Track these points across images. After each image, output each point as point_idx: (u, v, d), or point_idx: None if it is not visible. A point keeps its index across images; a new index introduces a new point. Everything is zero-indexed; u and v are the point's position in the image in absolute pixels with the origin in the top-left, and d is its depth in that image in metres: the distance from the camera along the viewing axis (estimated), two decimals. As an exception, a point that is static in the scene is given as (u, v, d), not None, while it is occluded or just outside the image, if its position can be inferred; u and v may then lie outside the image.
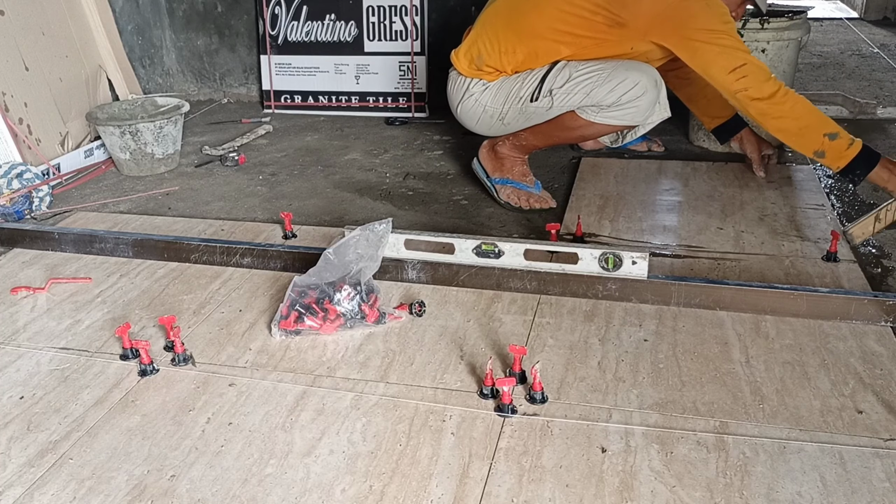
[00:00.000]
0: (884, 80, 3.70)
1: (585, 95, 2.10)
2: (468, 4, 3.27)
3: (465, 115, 2.34)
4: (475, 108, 2.29)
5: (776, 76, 2.01)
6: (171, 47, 3.64)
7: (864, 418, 1.33)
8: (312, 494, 1.20)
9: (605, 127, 2.19)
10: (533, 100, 2.18)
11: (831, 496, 1.17)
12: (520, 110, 2.22)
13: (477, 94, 2.26)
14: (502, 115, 2.26)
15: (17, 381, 1.52)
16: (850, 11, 5.72)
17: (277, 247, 1.96)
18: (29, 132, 2.61)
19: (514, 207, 2.30)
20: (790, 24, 2.58)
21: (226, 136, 3.15)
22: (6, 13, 2.59)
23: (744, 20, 2.55)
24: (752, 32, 2.56)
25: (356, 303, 1.66)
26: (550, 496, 1.18)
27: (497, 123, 2.29)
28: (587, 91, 2.10)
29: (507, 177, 2.34)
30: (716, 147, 2.76)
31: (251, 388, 1.47)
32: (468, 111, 2.31)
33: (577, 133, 2.25)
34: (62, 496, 1.22)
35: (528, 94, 2.18)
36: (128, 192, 2.58)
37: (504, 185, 2.33)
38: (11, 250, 2.11)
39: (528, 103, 2.19)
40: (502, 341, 1.60)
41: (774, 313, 1.65)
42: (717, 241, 2.03)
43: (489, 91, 2.24)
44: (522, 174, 2.34)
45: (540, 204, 2.28)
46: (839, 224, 2.12)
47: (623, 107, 2.09)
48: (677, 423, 1.34)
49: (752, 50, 2.57)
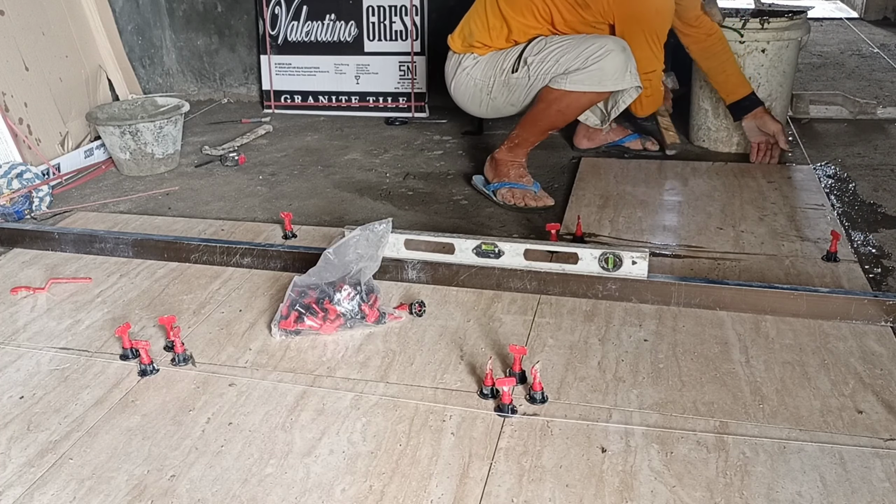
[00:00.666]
0: (884, 80, 3.70)
1: (555, 63, 2.24)
2: (468, 4, 3.27)
3: (458, 92, 2.49)
4: (466, 82, 2.44)
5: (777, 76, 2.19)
6: (171, 47, 3.64)
7: (864, 418, 1.34)
8: (312, 494, 1.20)
9: (578, 96, 2.24)
10: (513, 71, 2.33)
11: (831, 496, 1.17)
12: (503, 83, 2.36)
13: (468, 67, 2.42)
14: (489, 88, 2.40)
15: (17, 381, 1.52)
16: (850, 11, 5.72)
17: (277, 247, 1.96)
18: (29, 132, 2.61)
19: (511, 206, 2.31)
20: (790, 24, 2.58)
21: (226, 136, 3.15)
22: (6, 13, 2.59)
23: (743, 20, 2.56)
24: (751, 32, 2.56)
25: (356, 303, 1.66)
26: (550, 496, 1.18)
27: (485, 98, 2.43)
28: (557, 58, 2.23)
29: (503, 180, 2.37)
30: (716, 147, 2.76)
31: (251, 388, 1.47)
32: (461, 86, 2.47)
33: (555, 108, 2.29)
34: (62, 496, 1.22)
35: (509, 66, 2.34)
36: (128, 192, 2.58)
37: (501, 188, 2.36)
38: (11, 250, 2.11)
39: (510, 74, 2.34)
40: (502, 341, 1.60)
41: (774, 313, 1.65)
42: (717, 242, 2.03)
43: (479, 65, 2.40)
44: (519, 175, 2.37)
45: (537, 202, 2.30)
46: (839, 224, 2.12)
47: (588, 69, 2.19)
48: (677, 423, 1.34)
49: (753, 50, 2.58)
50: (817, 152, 2.70)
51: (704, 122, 2.78)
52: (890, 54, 4.24)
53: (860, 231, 2.09)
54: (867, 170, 2.53)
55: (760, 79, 2.62)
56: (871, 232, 2.08)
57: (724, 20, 2.54)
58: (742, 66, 2.59)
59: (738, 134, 2.69)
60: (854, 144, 2.77)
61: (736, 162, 2.62)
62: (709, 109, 2.74)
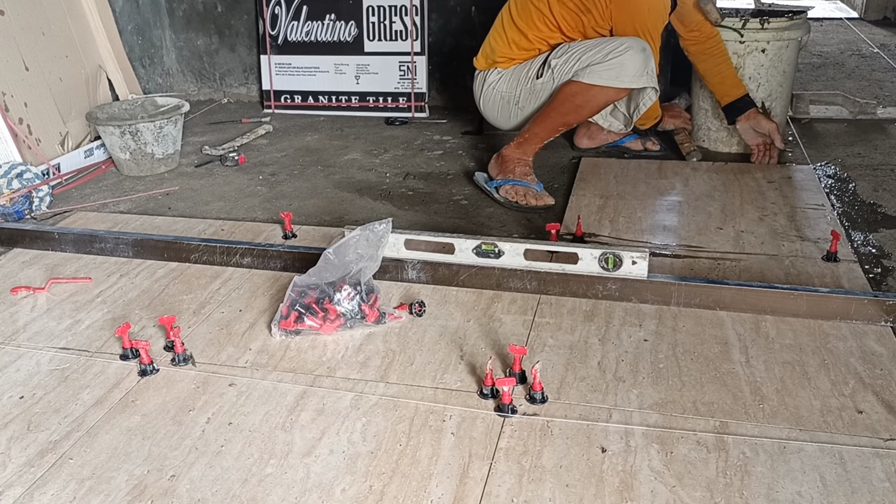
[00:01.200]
0: (884, 80, 3.70)
1: (577, 60, 2.32)
2: (468, 4, 3.28)
3: (487, 108, 2.60)
4: (494, 96, 2.54)
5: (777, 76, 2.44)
6: (171, 47, 3.64)
7: (864, 418, 1.33)
8: (312, 494, 1.20)
9: (596, 92, 2.28)
10: (538, 76, 2.42)
11: (831, 496, 1.17)
12: (529, 90, 2.45)
13: (494, 82, 2.52)
14: (516, 97, 2.49)
15: (17, 380, 1.52)
16: (850, 11, 5.72)
17: (277, 247, 1.96)
18: (29, 132, 2.61)
19: (512, 204, 2.31)
20: (790, 24, 2.58)
21: (226, 136, 3.15)
22: (6, 13, 2.59)
23: (744, 20, 2.56)
24: (751, 32, 2.56)
25: (356, 303, 1.66)
26: (550, 496, 1.18)
27: (514, 108, 2.53)
28: (579, 56, 2.32)
29: (508, 176, 2.37)
30: (716, 147, 2.76)
31: (251, 388, 1.47)
32: (489, 102, 2.57)
33: (572, 104, 2.32)
34: (62, 496, 1.22)
35: (534, 73, 2.44)
36: (128, 192, 2.58)
37: (504, 185, 2.36)
38: (11, 250, 2.11)
39: (535, 80, 2.43)
40: (502, 341, 1.60)
41: (774, 313, 1.65)
42: (717, 241, 2.03)
43: (503, 78, 2.50)
44: (524, 173, 2.38)
45: (538, 201, 2.30)
46: (839, 224, 2.12)
47: (608, 62, 2.25)
48: (677, 423, 1.34)
49: (753, 50, 2.58)
50: (817, 152, 2.70)
51: (704, 122, 2.78)
52: (890, 54, 4.24)
53: (860, 231, 2.09)
54: (867, 170, 2.53)
55: (760, 78, 2.62)
56: (871, 232, 2.08)
57: (721, 20, 2.55)
58: (742, 66, 2.60)
59: (738, 133, 2.69)
60: (854, 144, 2.77)
61: (736, 162, 2.62)
62: (709, 109, 2.74)
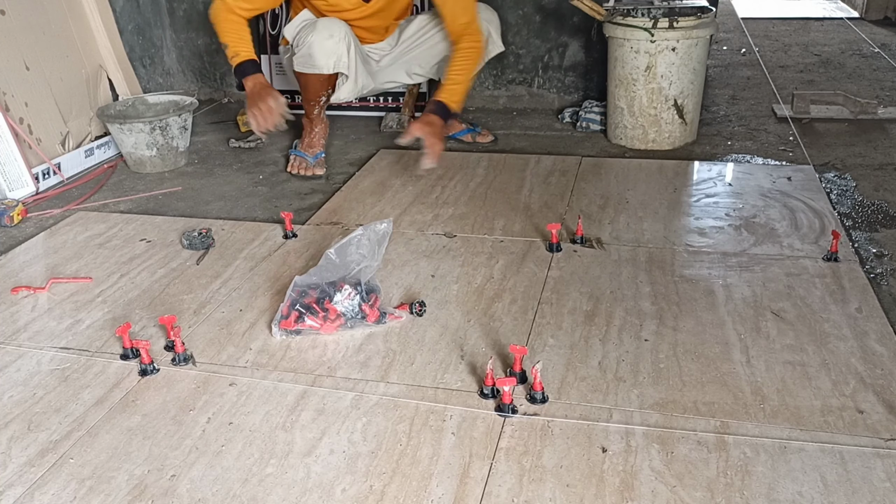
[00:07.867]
0: (884, 80, 3.70)
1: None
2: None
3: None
4: None
5: (688, 73, 2.63)
6: (171, 47, 3.63)
7: (864, 418, 1.33)
8: (313, 494, 1.20)
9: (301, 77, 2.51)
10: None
11: (832, 496, 1.17)
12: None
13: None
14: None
15: (17, 380, 1.52)
16: (850, 11, 5.71)
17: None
18: (30, 131, 2.61)
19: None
20: (698, 22, 2.63)
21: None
22: (7, 13, 2.59)
23: (654, 20, 2.59)
24: (662, 31, 2.60)
25: (356, 302, 1.66)
26: (551, 496, 1.18)
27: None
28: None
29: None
30: (632, 144, 2.81)
31: (251, 388, 1.47)
32: None
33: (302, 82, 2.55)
34: (62, 496, 1.22)
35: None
36: (128, 191, 2.58)
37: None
38: (12, 250, 2.11)
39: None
40: (503, 341, 1.60)
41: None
42: (717, 241, 2.03)
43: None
44: (309, 144, 2.67)
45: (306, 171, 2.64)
46: (840, 224, 2.11)
47: (300, 48, 2.43)
48: (678, 422, 1.34)
49: (664, 49, 2.63)
50: (818, 152, 2.70)
51: (621, 121, 2.81)
52: (891, 54, 4.24)
53: (861, 231, 2.09)
54: (868, 169, 2.53)
55: (672, 76, 2.67)
56: (872, 232, 2.08)
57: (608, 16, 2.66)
58: (654, 65, 2.65)
59: (653, 131, 2.75)
60: (855, 144, 2.77)
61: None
62: (624, 108, 2.78)
